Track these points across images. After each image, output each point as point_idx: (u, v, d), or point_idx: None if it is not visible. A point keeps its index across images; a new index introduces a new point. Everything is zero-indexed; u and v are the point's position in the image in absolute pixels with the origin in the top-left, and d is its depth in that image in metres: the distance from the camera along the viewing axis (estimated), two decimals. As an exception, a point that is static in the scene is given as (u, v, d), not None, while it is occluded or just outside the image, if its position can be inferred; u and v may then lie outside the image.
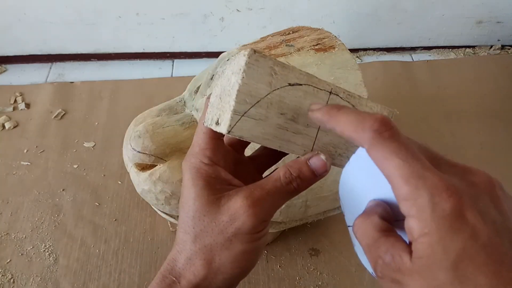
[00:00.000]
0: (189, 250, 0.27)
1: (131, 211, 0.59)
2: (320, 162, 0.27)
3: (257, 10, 0.78)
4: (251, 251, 0.26)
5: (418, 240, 0.20)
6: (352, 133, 0.23)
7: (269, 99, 0.26)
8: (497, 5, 0.84)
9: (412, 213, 0.21)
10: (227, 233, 0.26)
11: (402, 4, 0.81)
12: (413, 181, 0.20)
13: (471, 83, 0.83)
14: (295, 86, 0.26)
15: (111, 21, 0.76)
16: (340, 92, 0.28)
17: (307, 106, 0.27)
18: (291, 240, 0.57)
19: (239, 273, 0.27)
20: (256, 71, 0.25)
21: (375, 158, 0.22)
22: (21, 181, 0.62)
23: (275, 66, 0.25)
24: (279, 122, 0.26)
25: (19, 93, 0.74)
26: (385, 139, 0.22)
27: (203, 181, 0.27)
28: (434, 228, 0.20)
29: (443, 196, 0.20)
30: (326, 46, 0.48)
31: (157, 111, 0.49)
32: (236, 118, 0.25)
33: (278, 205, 0.27)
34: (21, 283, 0.52)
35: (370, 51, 0.90)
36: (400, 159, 0.21)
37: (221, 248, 0.26)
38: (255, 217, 0.25)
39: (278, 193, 0.27)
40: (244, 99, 0.25)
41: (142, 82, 0.78)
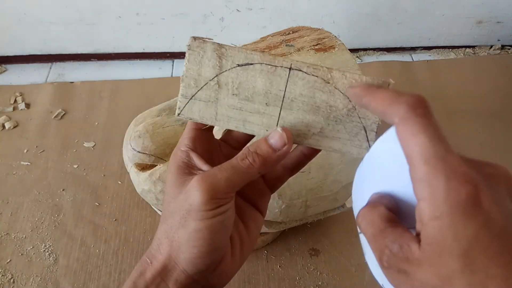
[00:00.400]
0: (159, 232, 0.28)
1: (131, 211, 0.59)
2: (276, 134, 0.26)
3: (257, 10, 0.78)
4: (204, 229, 0.25)
5: (428, 223, 0.20)
6: (386, 107, 0.23)
7: (217, 81, 0.27)
8: (497, 5, 0.84)
9: (425, 196, 0.20)
10: (182, 210, 0.26)
11: (402, 4, 0.81)
12: (433, 161, 0.20)
13: (471, 83, 0.83)
14: (245, 66, 0.27)
15: (111, 21, 0.76)
16: (303, 67, 0.27)
17: (263, 84, 0.27)
18: (291, 240, 0.57)
19: (197, 254, 0.26)
20: (198, 57, 0.26)
21: (401, 133, 0.21)
22: (21, 181, 0.62)
23: (219, 49, 0.27)
24: (232, 102, 0.27)
25: (19, 93, 0.74)
26: (417, 115, 0.21)
27: (175, 166, 0.28)
28: (446, 212, 0.19)
29: (460, 180, 0.19)
30: (326, 46, 0.48)
31: (157, 111, 0.49)
32: (184, 101, 0.27)
33: (234, 182, 0.26)
34: (21, 283, 0.52)
35: (370, 51, 0.90)
36: (427, 137, 0.20)
37: (178, 226, 0.26)
38: (204, 192, 0.25)
39: (232, 168, 0.26)
40: (189, 83, 0.27)
41: (142, 82, 0.78)
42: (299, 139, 0.28)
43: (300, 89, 0.27)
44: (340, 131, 0.28)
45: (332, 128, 0.28)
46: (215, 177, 0.26)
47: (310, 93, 0.27)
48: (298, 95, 0.27)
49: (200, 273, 0.27)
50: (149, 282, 0.27)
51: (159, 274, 0.27)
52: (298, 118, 0.28)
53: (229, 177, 0.26)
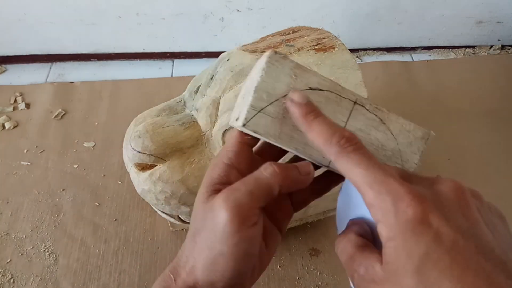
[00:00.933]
0: (187, 249, 0.27)
1: (131, 211, 0.59)
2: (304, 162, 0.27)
3: (257, 10, 0.78)
4: (229, 255, 0.25)
5: (385, 244, 0.21)
6: (321, 146, 0.24)
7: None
8: (497, 5, 0.84)
9: (379, 218, 0.21)
10: (208, 231, 0.25)
11: (402, 4, 0.81)
12: (376, 186, 0.21)
13: (471, 83, 0.83)
14: (316, 90, 0.27)
15: (111, 21, 0.76)
16: (366, 104, 0.28)
17: (328, 112, 0.27)
18: (291, 240, 0.57)
19: (221, 278, 0.25)
20: (275, 71, 0.26)
21: (341, 170, 0.24)
22: (21, 181, 0.62)
23: (295, 69, 0.27)
24: None
25: (19, 93, 0.74)
26: (348, 152, 0.23)
27: (209, 179, 0.27)
28: (398, 232, 0.20)
29: (405, 200, 0.20)
30: (326, 46, 0.48)
31: (157, 111, 0.49)
32: (253, 113, 0.26)
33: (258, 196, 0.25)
34: (21, 283, 0.52)
35: (370, 51, 0.90)
36: (362, 168, 0.22)
37: (204, 248, 0.26)
38: (229, 211, 0.24)
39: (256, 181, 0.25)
40: (261, 96, 0.26)
41: (142, 82, 0.78)
42: None
43: (359, 124, 0.28)
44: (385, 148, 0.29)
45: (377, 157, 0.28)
46: (239, 191, 0.25)
47: (367, 129, 0.28)
48: (357, 129, 0.28)
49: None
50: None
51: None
52: None
53: (252, 190, 0.25)
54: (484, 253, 0.20)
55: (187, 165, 0.45)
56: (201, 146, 0.46)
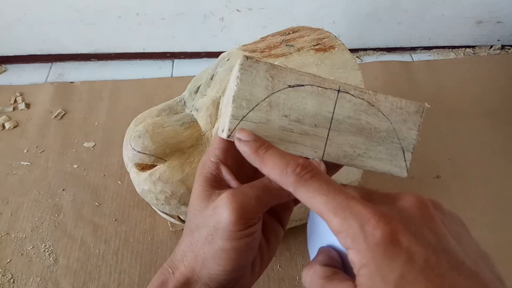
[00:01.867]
0: (184, 243, 0.28)
1: (131, 211, 0.59)
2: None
3: (257, 10, 0.78)
4: (231, 250, 0.25)
5: (359, 272, 0.20)
6: (277, 178, 0.24)
7: (269, 102, 0.26)
8: (497, 5, 0.84)
9: (348, 245, 0.21)
10: (209, 226, 0.26)
11: (402, 4, 0.81)
12: (341, 212, 0.21)
13: (471, 83, 0.83)
14: (296, 87, 0.27)
15: (111, 21, 0.77)
16: (350, 89, 0.27)
17: (313, 106, 0.27)
18: (291, 240, 0.57)
19: (222, 272, 0.26)
20: (250, 76, 0.26)
21: (302, 200, 0.23)
22: (21, 181, 0.62)
23: (270, 70, 0.26)
24: (283, 124, 0.27)
25: (19, 93, 0.74)
26: (306, 180, 0.23)
27: (203, 177, 0.27)
28: (370, 257, 0.20)
29: (371, 223, 0.20)
30: (326, 46, 0.48)
31: (157, 111, 0.49)
32: (235, 123, 0.26)
33: (264, 201, 0.26)
34: (21, 283, 0.52)
35: (370, 51, 0.90)
36: (323, 195, 0.22)
37: (204, 242, 0.26)
38: (232, 211, 0.24)
39: (264, 187, 0.26)
40: (240, 104, 0.26)
41: (142, 82, 0.78)
42: (345, 160, 0.28)
43: (347, 111, 0.27)
44: (382, 152, 0.28)
45: (375, 149, 0.28)
46: (246, 195, 0.25)
47: (357, 115, 0.28)
48: (346, 117, 0.28)
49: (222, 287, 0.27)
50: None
51: (181, 285, 0.27)
52: (345, 139, 0.28)
53: (260, 196, 0.25)
54: (456, 267, 0.20)
55: (187, 165, 0.45)
56: (201, 146, 0.46)
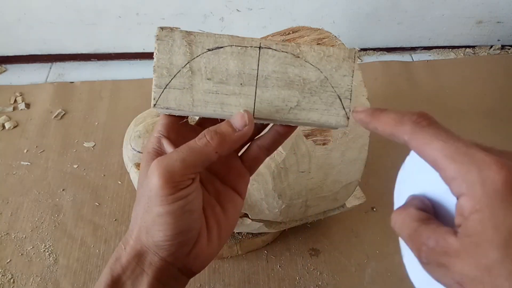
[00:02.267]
0: (132, 219, 0.29)
1: (131, 211, 0.59)
2: (238, 116, 0.27)
3: (257, 10, 0.78)
4: (165, 214, 0.25)
5: (469, 217, 0.19)
6: (393, 129, 0.23)
7: (189, 67, 0.27)
8: (497, 5, 0.84)
9: (463, 191, 0.20)
10: (145, 196, 0.26)
11: (402, 4, 0.81)
12: (459, 157, 0.20)
13: (471, 83, 0.83)
14: (215, 50, 0.27)
15: (111, 21, 0.76)
16: (272, 44, 0.28)
17: (236, 66, 0.27)
18: (291, 240, 0.57)
19: (163, 237, 0.26)
20: (167, 45, 0.27)
21: (416, 147, 0.22)
22: (21, 181, 0.62)
23: (187, 37, 0.27)
24: (207, 87, 0.27)
25: (19, 93, 0.74)
26: (423, 127, 0.22)
27: (146, 153, 0.29)
28: (486, 203, 0.19)
29: (493, 169, 0.19)
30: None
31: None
32: (159, 92, 0.27)
33: (190, 163, 0.26)
34: (21, 283, 0.52)
35: (370, 51, 0.90)
36: (442, 141, 0.21)
37: (144, 213, 0.27)
38: (159, 176, 0.25)
39: (189, 149, 0.26)
40: (161, 73, 0.27)
41: (142, 82, 0.78)
42: (278, 115, 0.28)
43: (272, 66, 0.28)
44: (316, 102, 0.28)
45: (308, 100, 0.28)
46: (171, 159, 0.25)
47: (283, 69, 0.28)
48: (271, 72, 0.28)
49: (172, 256, 0.28)
50: (125, 266, 0.28)
51: (133, 258, 0.28)
52: (274, 94, 0.28)
53: (184, 158, 0.25)
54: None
55: (187, 165, 0.45)
56: (201, 146, 0.46)
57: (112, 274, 0.28)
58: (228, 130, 0.27)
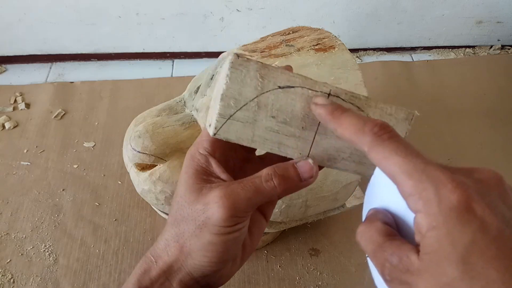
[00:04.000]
0: (168, 233, 0.28)
1: (131, 211, 0.59)
2: (307, 166, 0.27)
3: (257, 10, 0.78)
4: (219, 243, 0.26)
5: (426, 234, 0.20)
6: (352, 136, 0.24)
7: (257, 102, 0.26)
8: (497, 5, 0.84)
9: (419, 208, 0.20)
10: (199, 221, 0.26)
11: (402, 4, 0.81)
12: (416, 174, 0.20)
13: (471, 83, 0.83)
14: (286, 88, 0.26)
15: (111, 21, 0.76)
16: (341, 93, 0.27)
17: (302, 108, 0.27)
18: (291, 240, 0.57)
19: (208, 263, 0.27)
20: (240, 75, 0.26)
21: (376, 160, 0.22)
22: (21, 181, 0.62)
23: (261, 70, 0.26)
24: (270, 125, 0.27)
25: (19, 93, 0.74)
26: (384, 140, 0.22)
27: (193, 169, 0.28)
28: (442, 221, 0.19)
29: (448, 188, 0.20)
30: (326, 46, 0.48)
31: (157, 111, 0.49)
32: (222, 121, 0.26)
33: (254, 202, 0.26)
34: (21, 283, 0.52)
35: (370, 51, 0.90)
36: (400, 156, 0.21)
37: (192, 235, 0.27)
38: (225, 209, 0.25)
39: (256, 190, 0.26)
40: (228, 103, 0.26)
41: (142, 82, 0.78)
42: (329, 163, 0.29)
43: None
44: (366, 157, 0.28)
45: (359, 154, 0.28)
46: (238, 196, 0.26)
47: None
48: None
49: (204, 277, 0.28)
50: (154, 280, 0.28)
51: (164, 273, 0.28)
52: (330, 143, 0.28)
53: (250, 198, 0.26)
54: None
55: (187, 165, 0.45)
56: (201, 146, 0.46)
57: (140, 286, 0.28)
58: (294, 179, 0.27)
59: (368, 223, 0.24)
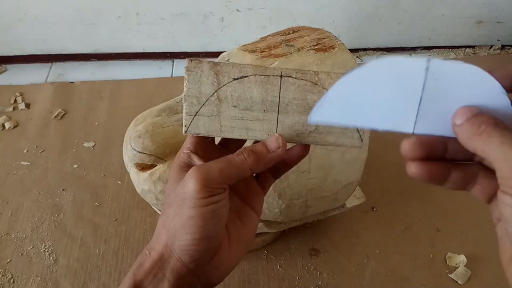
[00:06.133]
0: (158, 224, 0.30)
1: (131, 211, 0.59)
2: (273, 138, 0.30)
3: (257, 10, 0.78)
4: (196, 216, 0.27)
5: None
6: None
7: (217, 96, 0.29)
8: (497, 5, 0.84)
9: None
10: (178, 199, 0.28)
11: (402, 4, 0.81)
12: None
13: (471, 83, 0.82)
14: (240, 79, 0.29)
15: (111, 21, 0.77)
16: (292, 73, 0.29)
17: (259, 93, 0.29)
18: (291, 240, 0.57)
19: (190, 241, 0.28)
20: (196, 76, 0.29)
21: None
22: (21, 181, 0.62)
23: (214, 67, 0.29)
24: (233, 114, 0.30)
25: (19, 93, 0.74)
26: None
27: (177, 166, 0.31)
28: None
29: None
30: (326, 46, 0.48)
31: (157, 111, 0.49)
32: (189, 119, 0.30)
33: (227, 174, 0.28)
34: (21, 283, 0.52)
35: (370, 51, 0.90)
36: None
37: (174, 215, 0.28)
38: (197, 180, 0.27)
39: (226, 162, 0.28)
40: (192, 101, 0.29)
41: (142, 82, 0.78)
42: (298, 139, 0.30)
43: (292, 93, 0.30)
44: (333, 125, 0.30)
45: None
46: (210, 167, 0.28)
47: (302, 95, 0.30)
48: (291, 99, 0.30)
49: (195, 262, 0.29)
50: (147, 271, 0.29)
51: (156, 263, 0.29)
52: (294, 119, 0.30)
53: (222, 168, 0.28)
54: None
55: (187, 165, 0.45)
56: (201, 146, 0.46)
57: (135, 279, 0.29)
58: (263, 151, 0.29)
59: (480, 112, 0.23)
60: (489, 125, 0.22)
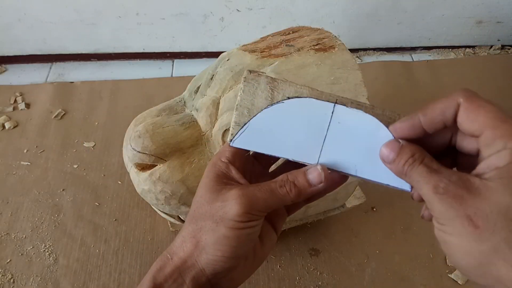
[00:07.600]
0: (185, 231, 0.30)
1: (131, 211, 0.59)
2: (315, 172, 0.29)
3: (257, 10, 0.78)
4: (232, 238, 0.28)
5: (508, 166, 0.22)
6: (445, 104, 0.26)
7: None
8: (497, 5, 0.84)
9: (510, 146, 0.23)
10: (216, 216, 0.28)
11: (402, 4, 0.81)
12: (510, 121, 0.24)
13: (471, 83, 0.82)
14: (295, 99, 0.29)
15: (111, 21, 0.76)
16: (347, 102, 0.29)
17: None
18: (291, 240, 0.57)
19: (220, 258, 0.28)
20: (252, 88, 0.29)
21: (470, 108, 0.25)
22: (21, 181, 0.62)
23: (271, 83, 0.29)
24: None
25: (19, 93, 0.74)
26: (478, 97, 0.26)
27: (214, 174, 0.30)
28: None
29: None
30: (326, 46, 0.48)
31: (157, 111, 0.49)
32: (237, 129, 0.29)
33: (269, 204, 0.29)
34: (21, 283, 0.52)
35: (370, 51, 0.90)
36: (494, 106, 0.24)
37: (208, 230, 0.29)
38: (241, 205, 0.27)
39: (270, 192, 0.29)
40: (242, 112, 0.29)
41: (142, 82, 0.78)
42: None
43: None
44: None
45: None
46: (254, 196, 0.28)
47: None
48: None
49: (215, 275, 0.29)
50: (168, 276, 0.29)
51: (177, 269, 0.29)
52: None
53: (266, 199, 0.28)
54: None
55: (187, 165, 0.45)
56: (201, 146, 0.46)
57: (155, 282, 0.29)
58: (305, 185, 0.29)
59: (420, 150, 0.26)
60: (408, 165, 0.25)
